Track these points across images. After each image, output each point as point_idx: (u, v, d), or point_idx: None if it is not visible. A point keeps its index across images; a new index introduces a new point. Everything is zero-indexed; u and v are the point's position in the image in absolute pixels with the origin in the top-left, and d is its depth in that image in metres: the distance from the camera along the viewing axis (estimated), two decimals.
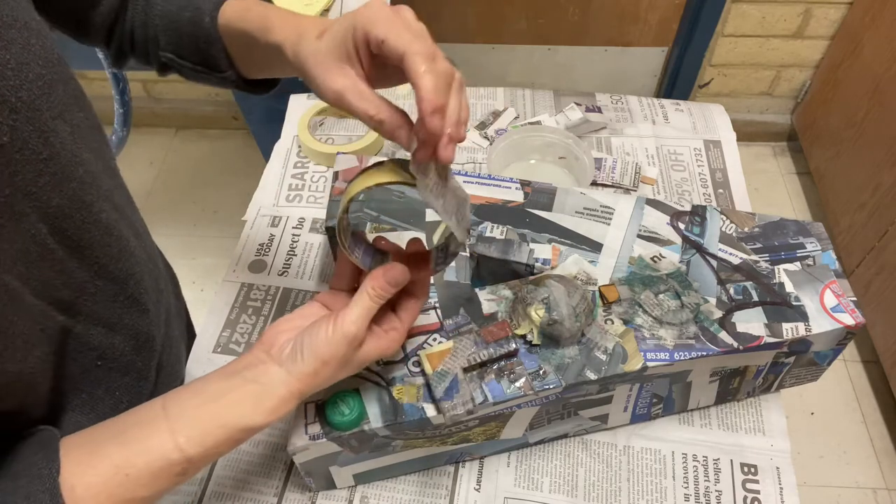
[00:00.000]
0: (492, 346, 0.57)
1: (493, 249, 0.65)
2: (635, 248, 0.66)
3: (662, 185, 0.88)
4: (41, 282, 0.44)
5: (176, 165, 2.09)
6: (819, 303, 0.62)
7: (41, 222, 0.44)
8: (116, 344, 0.54)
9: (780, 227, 0.68)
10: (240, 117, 2.04)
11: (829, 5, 1.71)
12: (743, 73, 1.90)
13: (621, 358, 0.58)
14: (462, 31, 1.85)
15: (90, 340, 0.52)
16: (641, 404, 0.64)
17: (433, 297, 0.62)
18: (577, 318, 0.57)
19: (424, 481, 0.65)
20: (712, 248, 0.66)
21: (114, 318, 0.53)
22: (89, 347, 0.52)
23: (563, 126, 0.93)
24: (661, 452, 0.66)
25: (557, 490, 0.64)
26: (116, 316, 0.53)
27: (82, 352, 0.51)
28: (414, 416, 0.54)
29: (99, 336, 0.52)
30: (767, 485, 0.64)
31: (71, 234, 0.47)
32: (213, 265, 1.77)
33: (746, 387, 0.67)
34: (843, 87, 1.73)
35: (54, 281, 0.46)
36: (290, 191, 0.89)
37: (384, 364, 0.58)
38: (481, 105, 0.99)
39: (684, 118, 0.96)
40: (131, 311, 0.55)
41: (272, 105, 1.23)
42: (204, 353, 0.74)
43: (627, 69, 1.94)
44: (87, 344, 0.51)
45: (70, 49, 1.28)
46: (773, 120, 2.05)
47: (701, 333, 0.59)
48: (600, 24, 1.81)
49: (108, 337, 0.53)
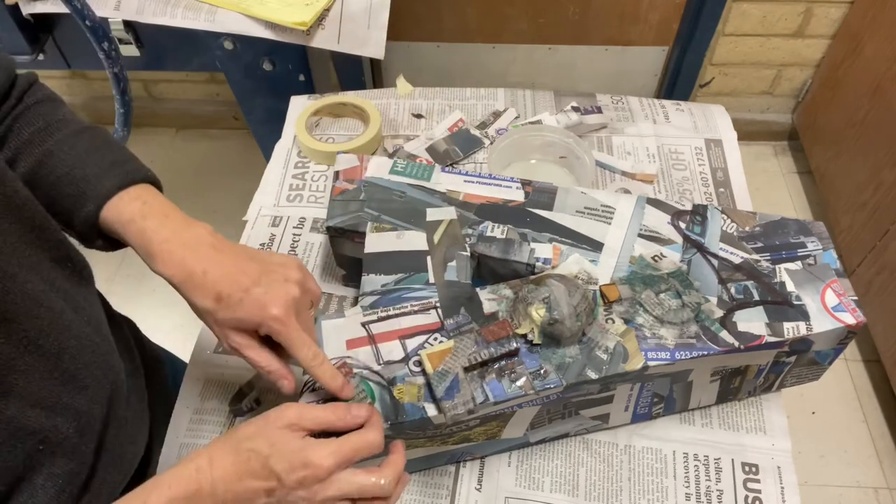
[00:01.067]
0: (493, 346, 0.57)
1: (493, 249, 0.65)
2: (636, 248, 0.66)
3: (663, 184, 0.88)
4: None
5: (176, 165, 2.09)
6: (820, 302, 0.62)
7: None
8: (59, 426, 0.50)
9: (781, 227, 0.68)
10: (240, 117, 2.04)
11: (829, 4, 1.71)
12: (744, 72, 1.90)
13: (622, 357, 0.57)
14: (462, 31, 1.85)
15: (28, 424, 0.47)
16: (642, 404, 0.64)
17: (433, 297, 0.62)
18: (578, 317, 0.57)
19: (425, 481, 0.65)
20: (713, 247, 0.66)
21: (52, 397, 0.49)
22: (28, 432, 0.48)
23: (564, 125, 0.93)
24: (662, 452, 0.66)
25: (558, 490, 0.64)
26: (54, 395, 0.50)
27: (20, 438, 0.47)
28: (415, 416, 0.54)
29: (37, 418, 0.48)
30: (768, 484, 0.64)
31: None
32: None
33: (747, 386, 0.67)
34: (844, 87, 1.73)
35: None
36: (291, 191, 0.89)
37: (384, 364, 0.58)
38: (482, 105, 0.99)
39: (685, 117, 0.96)
40: (68, 388, 0.51)
41: (273, 105, 1.23)
42: (204, 353, 0.74)
43: (628, 68, 1.94)
44: (24, 428, 0.47)
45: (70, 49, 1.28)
46: (773, 119, 2.04)
47: (702, 333, 0.59)
48: (601, 24, 1.81)
49: (49, 419, 0.49)
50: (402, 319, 0.60)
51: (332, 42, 1.05)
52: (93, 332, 0.55)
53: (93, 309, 0.57)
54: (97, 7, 1.03)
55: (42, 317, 0.48)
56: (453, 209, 0.69)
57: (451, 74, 1.95)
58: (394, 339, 0.59)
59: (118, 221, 0.53)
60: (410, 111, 0.99)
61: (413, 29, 1.84)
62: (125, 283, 1.76)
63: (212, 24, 1.05)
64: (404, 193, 0.71)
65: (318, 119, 0.98)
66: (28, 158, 0.54)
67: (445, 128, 0.95)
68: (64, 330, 0.51)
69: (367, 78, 1.46)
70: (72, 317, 0.52)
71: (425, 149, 0.92)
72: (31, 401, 0.48)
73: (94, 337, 0.55)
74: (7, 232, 0.47)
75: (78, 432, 0.52)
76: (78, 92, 2.08)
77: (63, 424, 0.50)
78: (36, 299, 0.48)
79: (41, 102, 0.57)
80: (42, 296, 0.49)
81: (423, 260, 0.65)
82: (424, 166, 0.74)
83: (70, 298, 0.53)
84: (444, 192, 0.71)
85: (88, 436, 0.54)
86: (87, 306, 0.56)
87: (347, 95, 0.98)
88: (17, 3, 1.06)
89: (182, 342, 0.85)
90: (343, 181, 0.73)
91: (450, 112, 0.98)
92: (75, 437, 0.52)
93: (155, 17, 1.05)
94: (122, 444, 0.60)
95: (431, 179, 0.73)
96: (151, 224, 0.53)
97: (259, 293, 0.50)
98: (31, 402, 0.48)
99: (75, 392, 0.51)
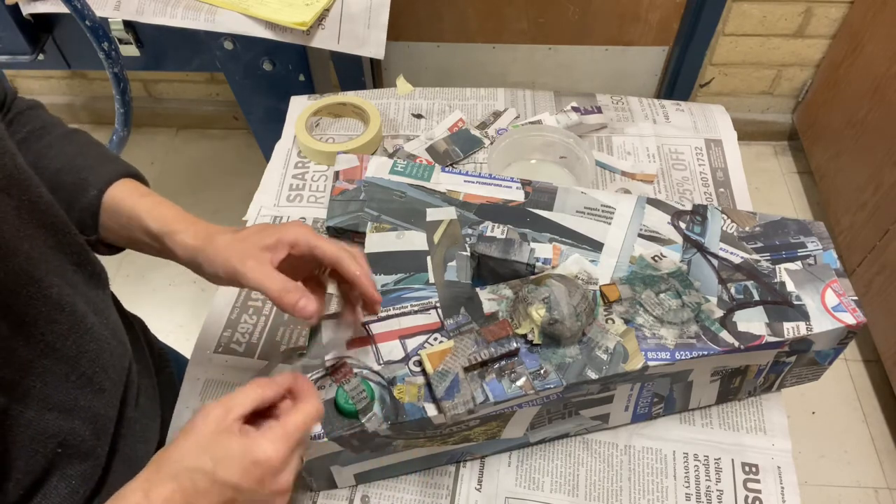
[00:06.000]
0: (493, 346, 0.57)
1: (493, 249, 0.65)
2: (636, 248, 0.66)
3: (663, 184, 0.88)
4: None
5: (177, 165, 2.09)
6: (820, 302, 0.62)
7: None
8: (77, 429, 0.50)
9: (781, 227, 0.68)
10: (240, 117, 2.04)
11: (829, 4, 1.70)
12: (744, 72, 1.90)
13: (622, 357, 0.57)
14: (462, 31, 1.85)
15: (47, 427, 0.48)
16: (642, 404, 0.64)
17: (433, 297, 0.62)
18: (578, 317, 0.57)
19: (425, 481, 0.65)
20: (713, 247, 0.66)
21: (69, 400, 0.50)
22: (47, 435, 0.48)
23: (564, 125, 0.93)
24: (662, 452, 0.66)
25: (558, 490, 0.64)
26: (72, 398, 0.50)
27: (40, 440, 0.48)
28: (415, 416, 0.54)
29: (55, 421, 0.49)
30: (769, 484, 0.64)
31: (16, 309, 0.45)
32: None
33: (747, 386, 0.67)
34: (844, 87, 1.73)
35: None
36: (291, 191, 0.89)
37: (384, 364, 0.58)
38: (482, 105, 0.99)
39: (685, 117, 0.96)
40: (85, 391, 0.51)
41: (273, 105, 1.23)
42: (204, 353, 0.74)
43: (628, 69, 1.94)
44: (43, 431, 0.48)
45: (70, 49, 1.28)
46: (773, 119, 2.04)
47: (702, 333, 0.59)
48: (601, 24, 1.81)
49: (67, 421, 0.50)
50: (403, 319, 0.60)
51: (331, 42, 1.05)
52: (111, 335, 0.56)
53: (109, 311, 0.58)
54: (97, 7, 1.03)
55: (62, 321, 0.49)
56: (453, 209, 0.69)
57: (451, 74, 1.95)
58: (394, 339, 0.59)
59: (126, 199, 0.55)
60: (410, 111, 0.99)
61: (413, 29, 1.84)
62: (125, 284, 1.76)
63: (212, 24, 1.05)
64: (404, 193, 0.71)
65: (318, 119, 0.98)
66: (27, 155, 0.55)
67: (445, 128, 0.95)
68: (84, 333, 0.51)
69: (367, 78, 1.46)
70: (93, 320, 0.53)
71: (425, 149, 0.92)
72: (49, 404, 0.48)
73: (111, 340, 0.56)
74: (33, 237, 0.47)
75: (94, 434, 0.53)
76: (78, 92, 2.08)
77: (80, 427, 0.51)
78: (58, 303, 0.48)
79: (33, 108, 0.60)
80: (65, 300, 0.49)
81: (423, 260, 0.65)
82: (424, 166, 0.74)
83: (91, 302, 0.54)
84: (444, 192, 0.71)
85: (103, 438, 0.54)
86: (105, 308, 0.57)
87: (347, 95, 0.98)
88: (17, 3, 1.07)
89: (183, 342, 0.85)
90: (343, 181, 0.73)
91: (450, 112, 0.98)
92: (91, 439, 0.52)
93: (155, 17, 1.05)
94: (135, 443, 0.60)
95: (431, 179, 0.73)
96: (165, 201, 0.56)
97: (283, 225, 0.52)
98: (48, 405, 0.48)
99: (92, 395, 0.52)
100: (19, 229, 0.45)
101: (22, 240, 0.46)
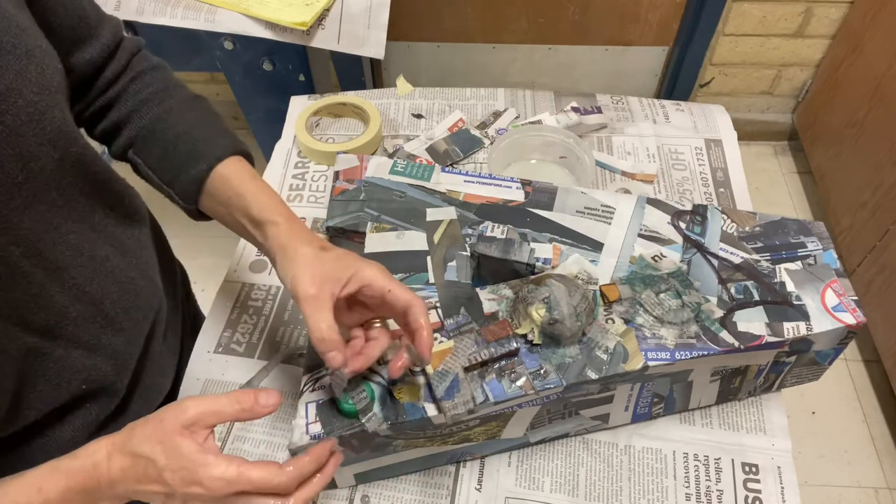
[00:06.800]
0: (493, 346, 0.57)
1: (493, 249, 0.65)
2: (636, 248, 0.66)
3: (663, 184, 0.88)
4: (6, 302, 0.45)
5: None
6: (820, 302, 0.62)
7: (12, 245, 0.44)
8: (99, 365, 0.54)
9: (781, 227, 0.68)
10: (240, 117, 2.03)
11: (829, 4, 1.71)
12: (744, 72, 1.90)
13: (622, 357, 0.57)
14: (462, 31, 1.85)
15: (73, 364, 0.51)
16: (642, 404, 0.64)
17: (433, 297, 0.62)
18: (578, 317, 0.57)
19: (425, 481, 0.65)
20: (713, 247, 0.66)
21: (93, 339, 0.53)
22: (73, 371, 0.52)
23: (564, 125, 0.93)
24: (662, 452, 0.66)
25: (558, 490, 0.64)
26: (95, 337, 0.54)
27: (65, 376, 0.51)
28: (415, 416, 0.54)
29: (81, 359, 0.52)
30: (769, 484, 0.64)
31: (47, 255, 0.47)
32: (214, 265, 1.76)
33: (747, 386, 0.67)
34: (844, 87, 1.73)
35: (28, 304, 0.47)
36: (291, 191, 0.89)
37: (385, 363, 0.57)
38: (482, 105, 0.99)
39: (685, 117, 0.96)
40: (107, 330, 0.55)
41: (273, 105, 1.23)
42: (204, 353, 0.74)
43: (628, 68, 1.94)
44: (70, 368, 0.51)
45: None
46: (774, 119, 2.04)
47: (702, 333, 0.59)
48: (601, 24, 1.81)
49: (90, 359, 0.53)
50: None
51: (331, 42, 1.05)
52: (139, 275, 0.59)
53: (143, 251, 0.61)
54: None
55: (85, 265, 0.52)
56: (453, 209, 0.69)
57: (451, 74, 1.95)
58: (394, 339, 0.59)
59: (234, 178, 0.56)
60: (410, 111, 0.99)
61: (413, 29, 1.84)
62: None
63: (212, 24, 1.05)
64: (404, 193, 0.71)
65: (318, 119, 0.98)
66: (146, 115, 0.58)
67: (445, 128, 0.95)
68: (107, 275, 0.54)
69: (367, 78, 1.46)
70: (116, 262, 0.56)
71: (425, 149, 0.92)
72: (76, 343, 0.52)
73: (139, 280, 0.59)
74: (69, 185, 0.50)
75: (115, 370, 0.57)
76: None
77: (102, 363, 0.55)
78: (78, 248, 0.51)
79: (156, 68, 0.62)
80: (85, 245, 0.52)
81: (423, 260, 0.65)
82: (424, 166, 0.74)
83: (119, 243, 0.57)
84: (444, 192, 0.71)
85: (123, 372, 0.58)
86: (136, 248, 0.60)
87: (347, 95, 0.98)
88: None
89: None
90: (343, 181, 0.73)
91: (450, 112, 0.98)
92: (112, 374, 0.56)
93: (155, 17, 1.05)
94: (154, 376, 0.64)
95: (431, 179, 0.73)
96: (268, 187, 0.57)
97: (363, 262, 0.52)
98: (76, 343, 0.52)
99: (112, 334, 0.56)
100: (53, 178, 0.47)
101: (51, 189, 0.47)
